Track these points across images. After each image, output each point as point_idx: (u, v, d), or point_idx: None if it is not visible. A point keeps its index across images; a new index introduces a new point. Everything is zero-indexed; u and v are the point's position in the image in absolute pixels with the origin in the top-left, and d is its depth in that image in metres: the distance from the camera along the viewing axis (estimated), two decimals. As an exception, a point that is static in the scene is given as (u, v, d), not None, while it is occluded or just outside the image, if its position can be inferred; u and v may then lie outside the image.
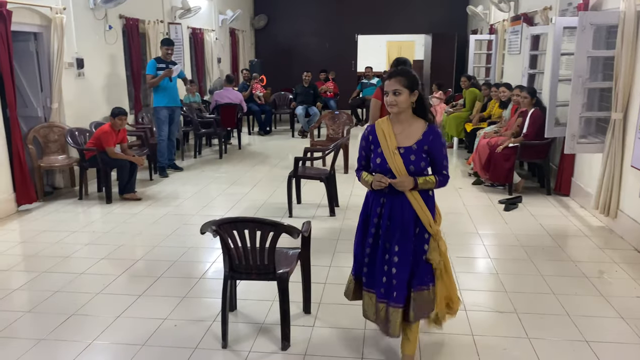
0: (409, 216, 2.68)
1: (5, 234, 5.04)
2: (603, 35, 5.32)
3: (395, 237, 2.68)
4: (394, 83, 2.62)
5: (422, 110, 2.72)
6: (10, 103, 5.38)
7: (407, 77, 2.64)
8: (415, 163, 2.65)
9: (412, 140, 2.66)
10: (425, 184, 2.67)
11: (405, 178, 2.63)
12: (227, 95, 9.48)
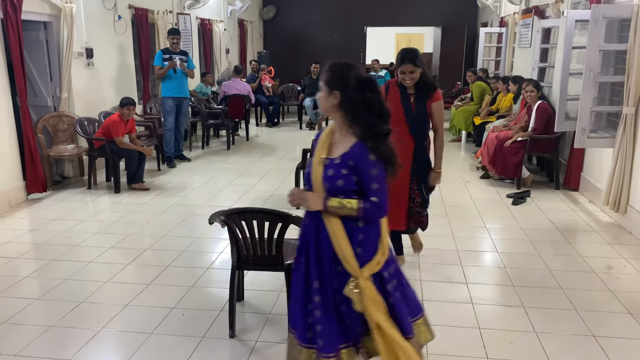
0: (326, 245, 2.15)
1: (15, 222, 5.08)
2: (615, 28, 5.26)
3: (313, 271, 2.18)
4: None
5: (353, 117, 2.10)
6: (20, 92, 5.41)
7: (329, 72, 2.15)
8: (331, 180, 2.10)
9: (340, 152, 2.13)
10: (340, 209, 2.07)
11: (310, 195, 2.15)
12: (235, 87, 9.48)
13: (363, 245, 2.12)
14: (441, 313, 3.34)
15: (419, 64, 3.41)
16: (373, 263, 2.12)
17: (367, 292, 2.08)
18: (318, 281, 2.17)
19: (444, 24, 14.14)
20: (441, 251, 4.33)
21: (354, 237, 2.12)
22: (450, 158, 8.05)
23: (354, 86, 2.08)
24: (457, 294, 3.61)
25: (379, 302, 2.11)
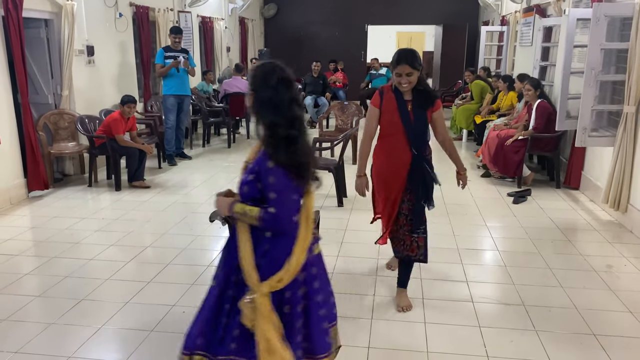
0: (234, 252, 2.06)
1: (16, 219, 5.09)
2: (617, 27, 5.25)
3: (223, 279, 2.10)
4: None
5: None
6: (21, 89, 5.42)
7: (251, 72, 2.06)
8: (240, 185, 2.05)
9: (254, 156, 2.09)
10: (243, 215, 1.99)
11: (221, 199, 2.11)
12: (236, 85, 9.48)
13: (267, 257, 1.99)
14: (441, 311, 3.35)
15: (417, 66, 3.06)
16: (274, 279, 1.95)
17: (261, 308, 1.94)
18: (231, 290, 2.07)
19: (445, 23, 14.13)
20: (441, 250, 4.33)
21: (258, 248, 2.01)
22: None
23: (268, 87, 1.95)
24: (458, 292, 3.62)
25: (274, 321, 1.97)
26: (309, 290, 2.08)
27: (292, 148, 1.94)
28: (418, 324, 3.19)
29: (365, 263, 4.07)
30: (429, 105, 3.20)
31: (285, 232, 1.99)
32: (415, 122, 3.17)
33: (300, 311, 2.06)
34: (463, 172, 3.51)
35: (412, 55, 3.08)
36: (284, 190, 1.94)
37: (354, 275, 3.89)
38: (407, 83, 3.10)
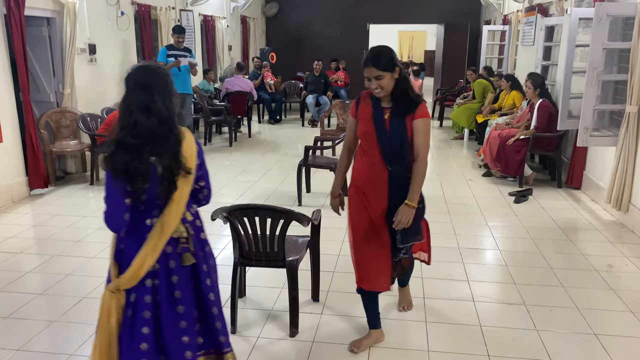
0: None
1: (18, 217, 5.10)
2: (619, 26, 5.25)
3: None
4: None
5: None
6: (23, 88, 5.43)
7: None
8: None
9: None
10: None
11: None
12: (237, 83, 9.48)
13: (122, 256, 2.05)
14: (443, 310, 3.35)
15: (387, 67, 2.59)
16: (120, 279, 2.00)
17: (102, 304, 2.00)
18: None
19: (447, 22, 14.11)
20: (443, 249, 4.33)
21: (117, 246, 2.08)
22: (453, 156, 8.05)
23: (126, 88, 1.98)
24: (459, 291, 3.62)
25: (111, 320, 1.98)
26: (161, 300, 2.03)
27: (118, 154, 1.91)
28: (419, 323, 3.19)
29: (366, 262, 4.07)
30: (409, 112, 2.65)
31: (114, 232, 2.03)
32: (391, 133, 2.65)
33: (147, 318, 2.01)
34: (410, 204, 2.64)
35: (378, 56, 2.62)
36: (107, 192, 1.97)
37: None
38: (378, 88, 2.63)
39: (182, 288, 2.07)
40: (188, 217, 2.11)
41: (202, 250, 2.16)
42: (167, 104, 1.99)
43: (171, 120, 1.99)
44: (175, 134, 2.00)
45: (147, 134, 1.93)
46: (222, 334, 2.21)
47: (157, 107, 1.95)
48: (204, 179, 2.19)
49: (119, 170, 1.91)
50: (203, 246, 2.18)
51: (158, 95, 1.96)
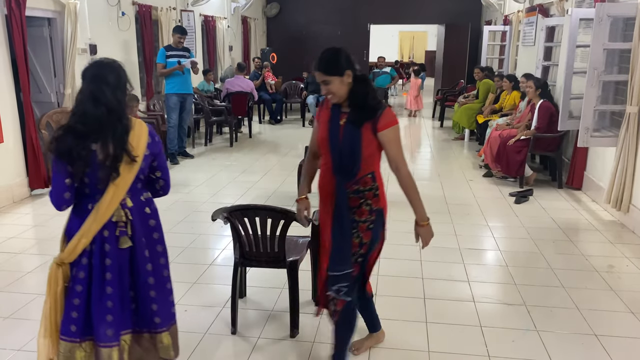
0: None
1: (18, 217, 5.10)
2: (620, 27, 5.25)
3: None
4: None
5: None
6: (24, 88, 5.43)
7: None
8: None
9: None
10: None
11: None
12: (238, 84, 9.49)
13: (70, 234, 2.20)
14: (443, 311, 3.35)
15: (333, 71, 2.36)
16: (63, 252, 2.20)
17: (50, 273, 2.20)
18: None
19: (448, 22, 14.11)
20: (443, 249, 4.33)
21: (68, 222, 2.25)
22: (453, 156, 8.05)
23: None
24: (459, 292, 3.62)
25: (57, 289, 2.19)
26: (94, 278, 2.19)
27: (66, 138, 2.08)
28: (419, 324, 3.19)
29: (366, 262, 4.07)
30: (364, 121, 2.39)
31: (55, 208, 2.19)
32: (343, 141, 2.41)
33: (79, 292, 2.19)
34: (423, 224, 2.55)
35: (324, 60, 2.41)
36: (52, 172, 2.17)
37: (356, 274, 3.89)
38: (328, 93, 2.42)
39: (113, 271, 2.20)
40: (128, 203, 2.22)
41: (146, 236, 2.30)
42: (118, 95, 2.15)
43: (120, 111, 2.15)
44: (123, 124, 2.15)
45: (95, 122, 2.10)
46: (157, 315, 2.31)
47: (106, 98, 2.11)
48: (160, 169, 2.35)
49: (62, 153, 2.08)
50: (149, 233, 2.31)
51: (108, 87, 2.13)
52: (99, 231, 2.16)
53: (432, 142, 9.23)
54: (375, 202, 2.50)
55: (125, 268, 2.24)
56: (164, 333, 2.35)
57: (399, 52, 24.36)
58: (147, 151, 2.22)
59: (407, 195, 2.50)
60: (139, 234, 2.25)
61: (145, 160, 2.23)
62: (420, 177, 6.75)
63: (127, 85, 2.23)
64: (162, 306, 2.34)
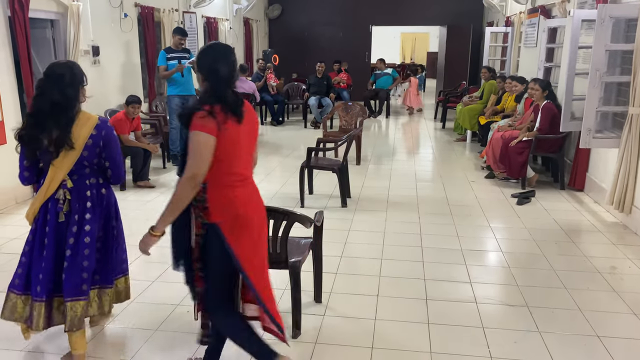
0: None
1: (21, 218, 5.11)
2: (622, 28, 5.25)
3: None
4: None
5: None
6: (27, 89, 5.44)
7: None
8: None
9: None
10: None
11: None
12: (240, 85, 9.49)
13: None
14: (445, 312, 3.35)
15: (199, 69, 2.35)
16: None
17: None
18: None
19: (450, 23, 14.12)
20: (445, 250, 4.34)
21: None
22: (455, 157, 8.05)
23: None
24: (461, 293, 3.62)
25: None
26: (36, 241, 2.69)
27: (25, 128, 2.57)
28: (421, 325, 3.19)
29: (368, 263, 4.08)
30: (187, 123, 2.23)
31: (21, 184, 2.77)
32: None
33: (25, 251, 2.75)
34: (153, 234, 2.34)
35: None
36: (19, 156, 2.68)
37: (358, 275, 3.90)
38: None
39: (50, 238, 2.63)
40: (68, 184, 2.62)
41: (84, 214, 2.65)
42: (67, 91, 2.54)
43: (66, 104, 2.54)
44: (68, 116, 2.55)
45: (40, 114, 2.53)
46: (84, 282, 2.66)
47: (50, 93, 2.51)
48: (108, 160, 2.69)
49: (20, 139, 2.58)
50: (84, 212, 2.65)
51: (55, 84, 2.52)
52: (44, 204, 2.62)
53: (434, 144, 9.23)
54: (206, 215, 2.29)
55: (63, 237, 2.63)
56: (78, 302, 2.66)
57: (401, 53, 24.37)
58: (89, 141, 2.60)
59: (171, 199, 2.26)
60: (78, 211, 2.63)
61: (89, 149, 2.61)
62: (422, 179, 6.75)
63: (79, 82, 2.61)
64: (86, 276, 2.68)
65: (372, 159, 7.94)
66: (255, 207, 2.40)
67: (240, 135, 2.29)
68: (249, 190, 2.38)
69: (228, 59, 2.31)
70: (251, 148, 2.42)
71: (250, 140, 2.38)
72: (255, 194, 2.43)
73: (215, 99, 2.23)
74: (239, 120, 2.27)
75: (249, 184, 2.39)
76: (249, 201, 2.37)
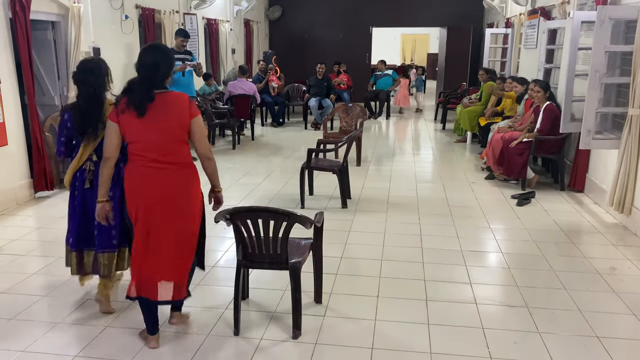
0: None
1: (22, 220, 5.13)
2: (621, 29, 5.26)
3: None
4: None
5: None
6: (28, 91, 5.46)
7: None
8: None
9: None
10: None
11: None
12: (240, 86, 9.51)
13: None
14: (445, 313, 3.35)
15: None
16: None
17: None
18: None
19: (450, 25, 14.14)
20: (445, 251, 4.34)
21: None
22: (455, 159, 8.06)
23: None
24: (461, 294, 3.62)
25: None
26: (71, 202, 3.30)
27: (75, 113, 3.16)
28: (421, 325, 3.20)
29: (369, 264, 4.09)
30: None
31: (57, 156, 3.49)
32: None
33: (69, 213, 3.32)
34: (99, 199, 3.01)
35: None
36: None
37: (358, 276, 3.90)
38: None
39: (79, 201, 3.23)
40: (94, 158, 3.16)
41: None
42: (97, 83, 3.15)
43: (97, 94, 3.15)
44: (98, 104, 3.14)
45: (83, 102, 3.14)
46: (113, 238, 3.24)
47: (88, 85, 3.12)
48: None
49: (75, 128, 3.14)
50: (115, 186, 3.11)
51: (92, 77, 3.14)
52: (75, 173, 3.21)
53: (434, 145, 9.24)
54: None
55: (90, 201, 3.15)
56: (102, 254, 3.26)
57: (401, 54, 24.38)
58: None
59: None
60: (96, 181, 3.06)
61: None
62: (422, 179, 6.76)
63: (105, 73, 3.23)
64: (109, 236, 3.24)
65: (373, 160, 7.95)
66: (156, 187, 2.82)
67: (148, 127, 2.76)
68: (161, 173, 2.82)
69: (143, 60, 2.85)
70: (166, 141, 2.80)
71: (164, 133, 2.79)
72: (167, 178, 2.83)
73: (124, 93, 2.81)
74: (138, 115, 2.74)
75: (163, 168, 2.82)
76: (150, 181, 2.82)
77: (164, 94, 2.79)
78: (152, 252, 2.84)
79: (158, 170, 2.80)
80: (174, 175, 2.85)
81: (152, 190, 2.80)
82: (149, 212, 2.81)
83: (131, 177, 2.84)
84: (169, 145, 2.81)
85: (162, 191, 2.81)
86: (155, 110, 2.74)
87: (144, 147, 2.78)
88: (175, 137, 2.81)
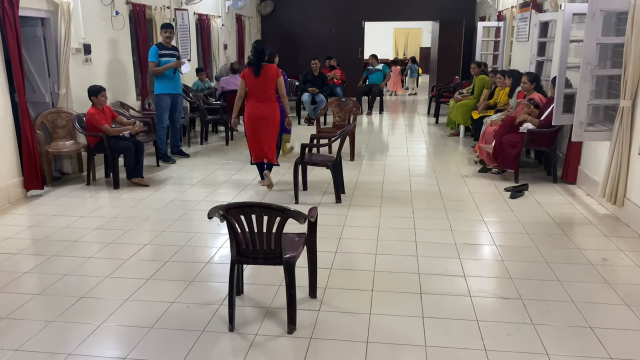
0: None
1: (14, 218, 5.10)
2: (613, 21, 5.27)
3: None
4: None
5: None
6: (18, 88, 5.41)
7: None
8: None
9: None
10: None
11: None
12: (233, 82, 9.45)
13: None
14: (439, 306, 3.36)
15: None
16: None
17: None
18: None
19: (442, 19, 14.13)
20: (439, 244, 4.35)
21: None
22: (449, 152, 8.07)
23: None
24: (456, 286, 3.64)
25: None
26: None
27: None
28: (416, 319, 3.21)
29: (363, 258, 4.09)
30: None
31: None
32: None
33: None
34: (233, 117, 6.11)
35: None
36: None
37: (352, 271, 3.91)
38: None
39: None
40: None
41: None
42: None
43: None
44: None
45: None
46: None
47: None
48: None
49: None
50: None
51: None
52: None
53: (428, 139, 9.25)
54: None
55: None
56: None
57: (394, 48, 24.37)
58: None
59: None
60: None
61: None
62: (416, 173, 6.77)
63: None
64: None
65: (366, 154, 7.95)
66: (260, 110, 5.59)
67: (258, 81, 5.52)
68: (262, 104, 5.59)
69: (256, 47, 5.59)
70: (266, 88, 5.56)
71: (265, 84, 5.53)
72: (265, 106, 5.60)
73: (247, 64, 5.68)
74: (255, 75, 5.50)
75: (264, 101, 5.58)
76: (258, 107, 5.60)
77: (265, 65, 5.47)
78: (258, 142, 5.65)
79: (261, 102, 5.54)
80: (268, 105, 5.55)
81: (259, 112, 5.53)
82: (257, 122, 5.56)
83: (249, 105, 5.55)
84: (267, 90, 5.51)
85: (263, 112, 5.54)
86: (262, 73, 5.45)
87: (256, 91, 5.51)
88: (270, 86, 5.51)
